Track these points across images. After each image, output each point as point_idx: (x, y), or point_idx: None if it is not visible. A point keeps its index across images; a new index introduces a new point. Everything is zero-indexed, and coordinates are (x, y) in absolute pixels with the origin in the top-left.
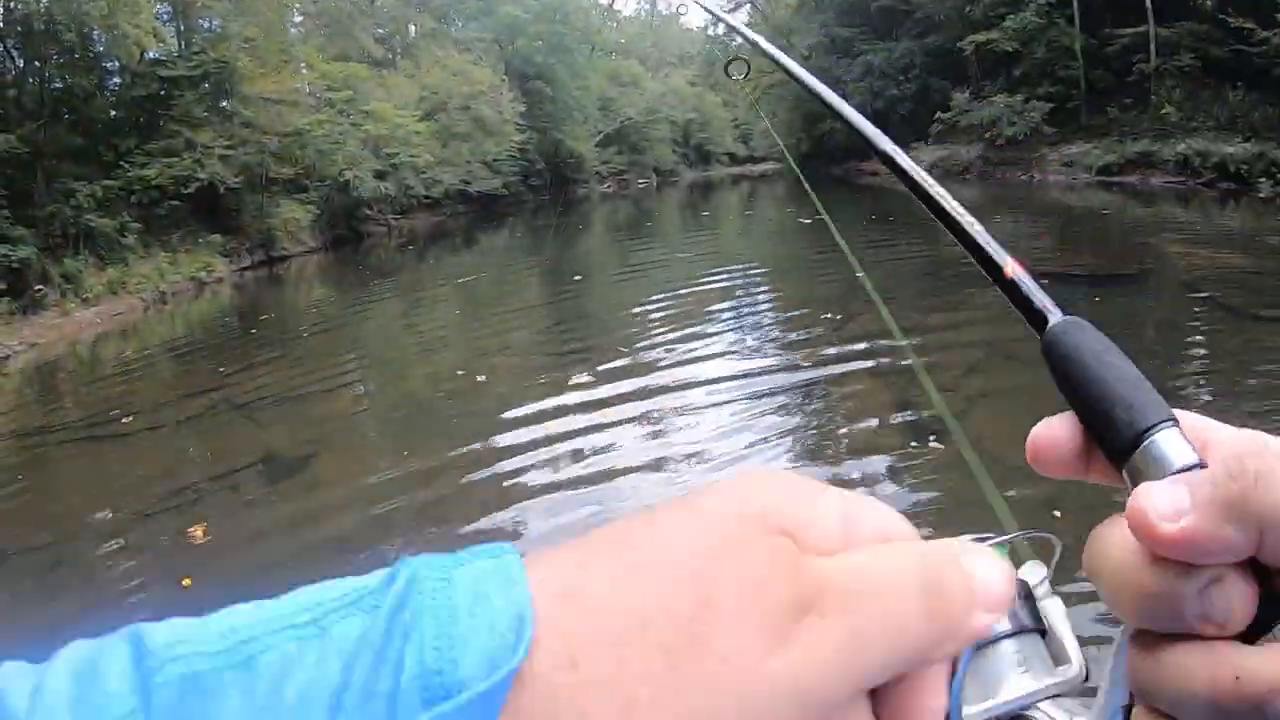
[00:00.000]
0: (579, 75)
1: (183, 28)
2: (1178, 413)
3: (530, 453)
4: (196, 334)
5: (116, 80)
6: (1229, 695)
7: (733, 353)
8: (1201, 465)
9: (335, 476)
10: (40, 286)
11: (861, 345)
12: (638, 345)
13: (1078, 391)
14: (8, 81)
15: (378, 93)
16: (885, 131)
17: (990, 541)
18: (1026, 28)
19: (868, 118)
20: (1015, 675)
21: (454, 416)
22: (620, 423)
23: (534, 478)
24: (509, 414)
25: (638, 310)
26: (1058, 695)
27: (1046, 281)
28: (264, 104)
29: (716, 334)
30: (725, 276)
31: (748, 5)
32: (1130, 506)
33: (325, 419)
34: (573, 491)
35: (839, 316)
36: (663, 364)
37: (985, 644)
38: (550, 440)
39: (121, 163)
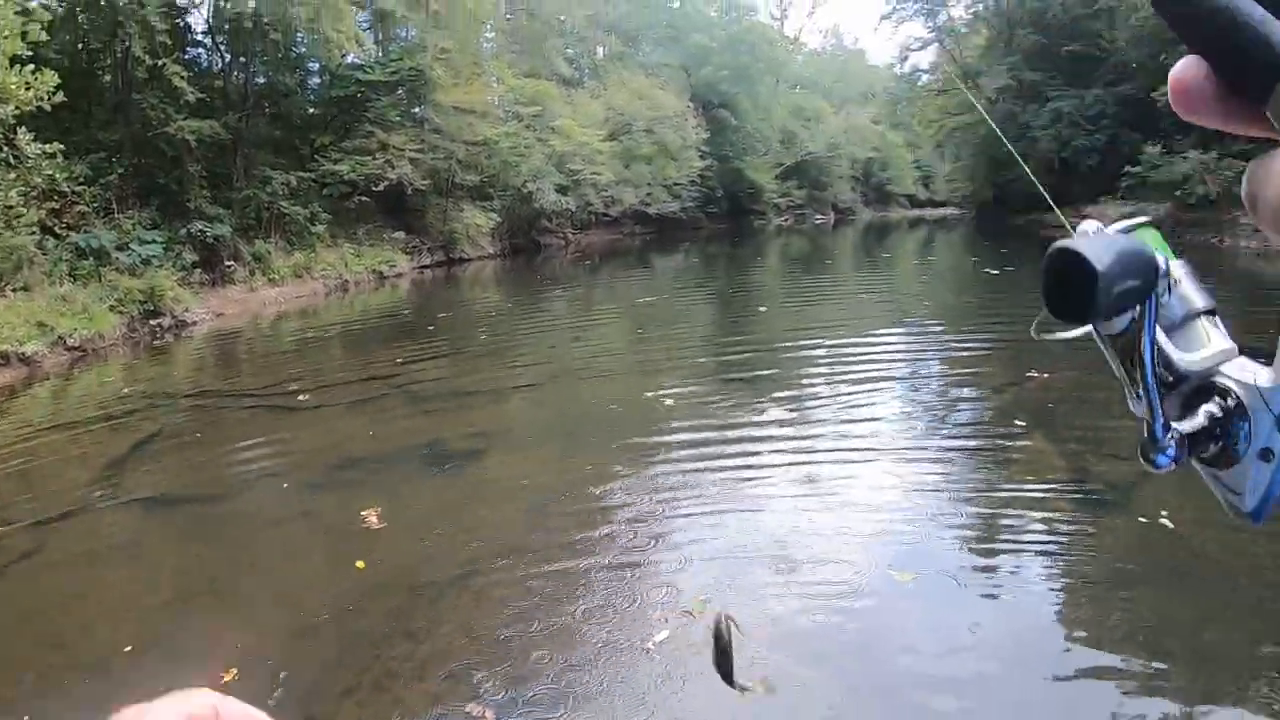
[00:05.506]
0: (762, 106)
1: (381, 36)
2: None
3: (689, 469)
4: (373, 323)
5: (316, 80)
6: None
7: (901, 409)
8: None
9: (501, 475)
10: (231, 263)
11: (1032, 407)
12: (805, 386)
13: (1206, 33)
14: (215, 73)
15: (564, 110)
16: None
17: (1131, 223)
18: None
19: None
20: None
21: (619, 429)
22: (779, 463)
23: (688, 494)
24: (675, 435)
25: (808, 350)
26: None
27: None
28: (455, 113)
29: (886, 384)
30: (900, 325)
31: (935, 45)
32: None
33: (493, 418)
34: (722, 514)
35: (1018, 375)
36: (826, 415)
37: (1192, 316)
38: (709, 459)
39: (316, 156)
